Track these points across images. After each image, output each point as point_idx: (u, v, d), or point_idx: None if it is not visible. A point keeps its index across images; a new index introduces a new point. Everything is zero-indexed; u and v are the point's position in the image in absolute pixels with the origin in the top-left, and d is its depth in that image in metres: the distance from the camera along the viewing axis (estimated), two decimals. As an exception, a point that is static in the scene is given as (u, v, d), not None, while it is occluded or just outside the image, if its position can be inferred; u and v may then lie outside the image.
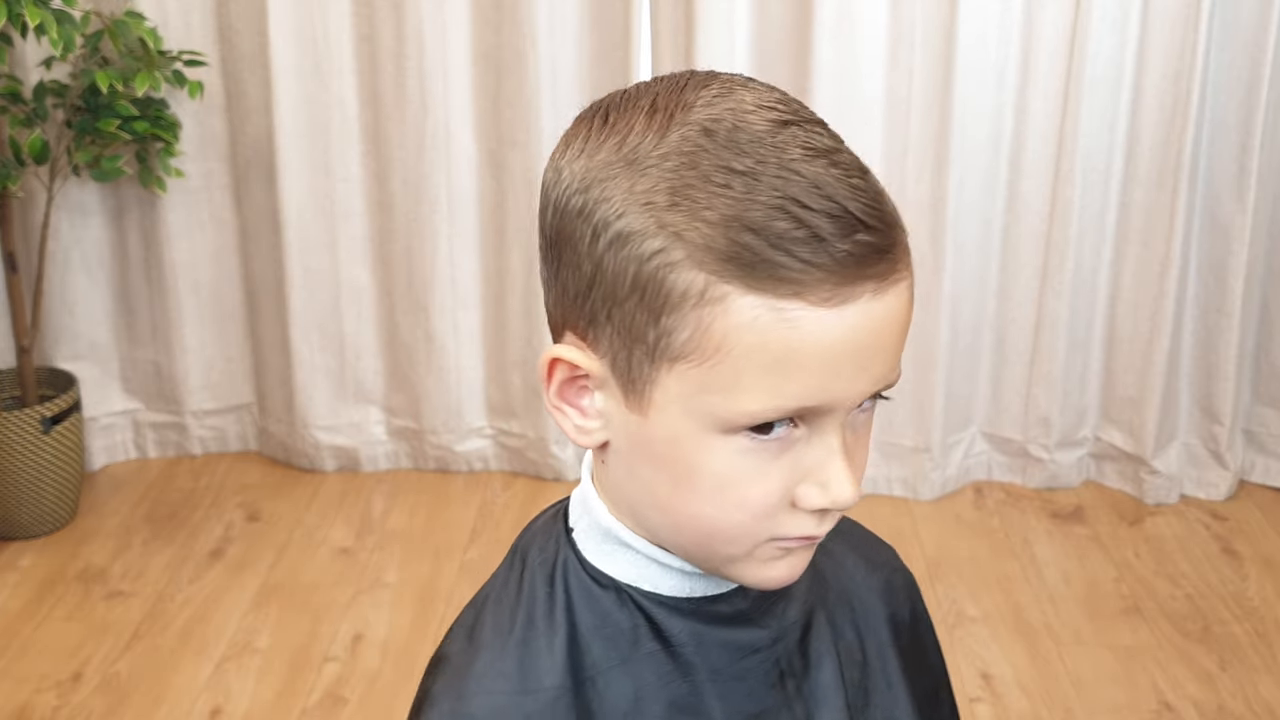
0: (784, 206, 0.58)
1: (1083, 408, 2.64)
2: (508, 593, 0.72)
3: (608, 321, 0.63)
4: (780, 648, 0.73)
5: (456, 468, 2.75)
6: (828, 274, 0.59)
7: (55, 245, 2.61)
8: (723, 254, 0.59)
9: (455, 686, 0.69)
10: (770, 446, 0.63)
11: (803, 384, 0.60)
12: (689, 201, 0.60)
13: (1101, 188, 2.49)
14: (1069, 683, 2.10)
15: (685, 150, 0.61)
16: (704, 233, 0.59)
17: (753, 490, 0.63)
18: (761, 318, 0.59)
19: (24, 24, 2.14)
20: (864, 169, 0.62)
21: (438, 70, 2.49)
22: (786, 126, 0.61)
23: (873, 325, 0.60)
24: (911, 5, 2.38)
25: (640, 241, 0.60)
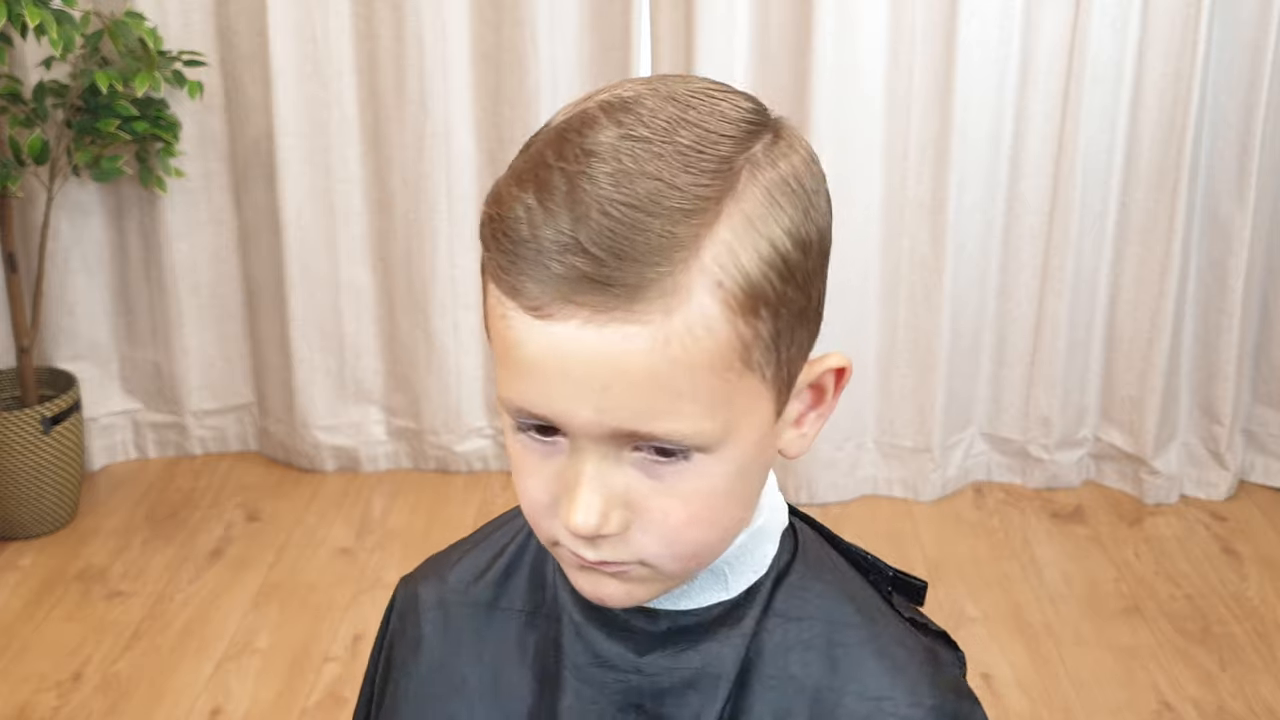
0: (530, 212, 0.58)
1: (1083, 408, 2.64)
2: (507, 513, 0.79)
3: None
4: (640, 681, 0.70)
5: (456, 468, 2.75)
6: (537, 285, 0.58)
7: (55, 245, 2.61)
8: (485, 242, 0.61)
9: (437, 553, 0.83)
10: (537, 447, 0.63)
11: (523, 387, 0.60)
12: (503, 190, 0.62)
13: (1101, 188, 2.49)
14: (1069, 683, 2.10)
15: (540, 137, 0.64)
16: (489, 215, 0.61)
17: (526, 483, 0.64)
18: (496, 308, 0.61)
19: (24, 24, 2.14)
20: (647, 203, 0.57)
21: (438, 70, 2.49)
22: (630, 144, 0.59)
23: (587, 355, 0.58)
24: (911, 5, 2.38)
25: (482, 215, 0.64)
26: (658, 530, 0.63)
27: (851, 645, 0.70)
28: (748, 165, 0.61)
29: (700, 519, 0.63)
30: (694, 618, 0.70)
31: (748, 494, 0.66)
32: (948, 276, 2.51)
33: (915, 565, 2.42)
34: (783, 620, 0.70)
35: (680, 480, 0.62)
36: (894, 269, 2.55)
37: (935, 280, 2.52)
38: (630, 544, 0.63)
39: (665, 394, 0.58)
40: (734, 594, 0.70)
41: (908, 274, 2.55)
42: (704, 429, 0.60)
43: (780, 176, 0.61)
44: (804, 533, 0.75)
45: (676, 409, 0.59)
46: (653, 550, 0.63)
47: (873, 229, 2.52)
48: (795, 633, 0.70)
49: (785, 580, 0.71)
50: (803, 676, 0.69)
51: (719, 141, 0.60)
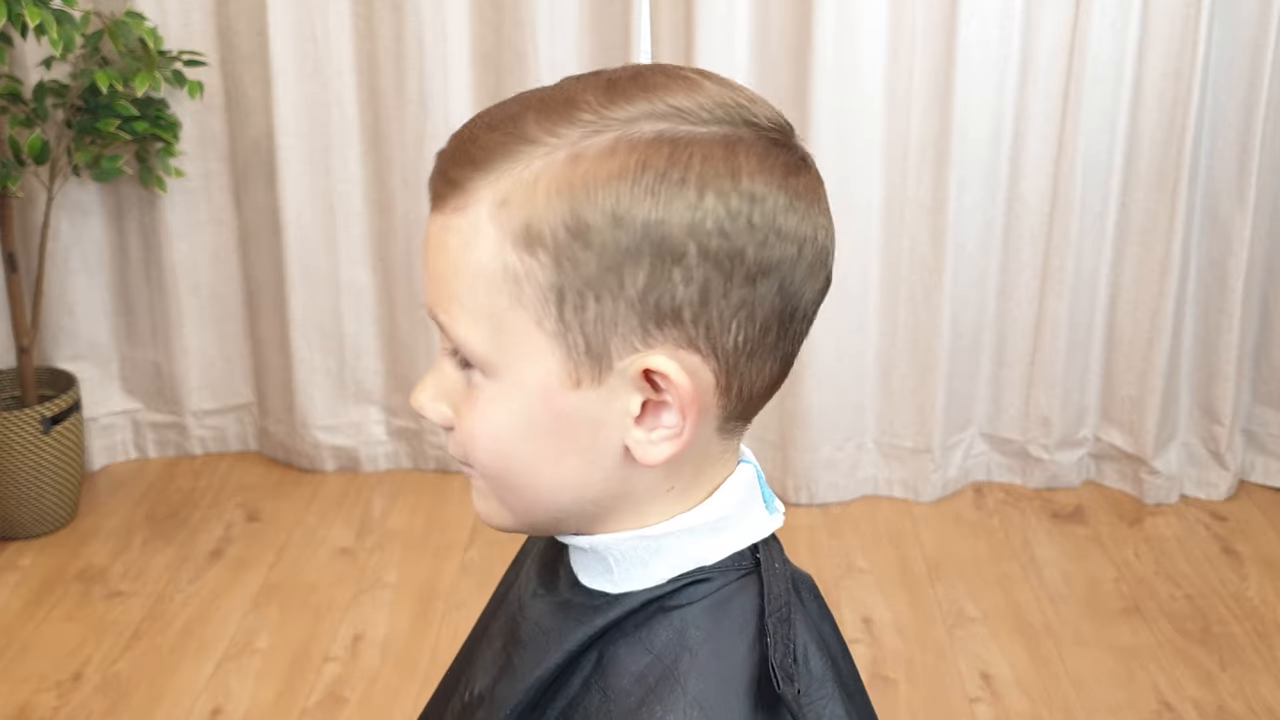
0: (457, 134, 0.67)
1: (1083, 408, 2.64)
2: None
3: None
4: (509, 609, 0.77)
5: (456, 468, 2.75)
6: (432, 184, 0.67)
7: (55, 245, 2.61)
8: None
9: None
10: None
11: (429, 283, 0.69)
12: None
13: (1101, 188, 2.49)
14: (1069, 683, 2.10)
15: None
16: None
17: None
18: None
19: (24, 24, 2.14)
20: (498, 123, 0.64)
21: (438, 70, 2.49)
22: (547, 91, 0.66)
23: (431, 239, 0.67)
24: (911, 5, 2.38)
25: None
26: (458, 435, 0.69)
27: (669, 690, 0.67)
28: (622, 133, 0.62)
29: (485, 442, 0.68)
30: (587, 596, 0.71)
31: (555, 454, 0.67)
32: (948, 276, 2.51)
33: (915, 565, 2.43)
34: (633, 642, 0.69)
35: (476, 393, 0.67)
36: (894, 269, 2.55)
37: (935, 280, 2.52)
38: (453, 442, 0.70)
39: (446, 287, 0.66)
40: (616, 590, 0.70)
41: (908, 274, 2.55)
42: (469, 337, 0.65)
43: (640, 150, 0.61)
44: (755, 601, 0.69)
45: (451, 307, 0.66)
46: (462, 456, 0.70)
47: (873, 229, 2.52)
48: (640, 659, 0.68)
49: (670, 615, 0.69)
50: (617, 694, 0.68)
51: (628, 112, 0.63)
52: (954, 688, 2.09)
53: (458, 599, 2.31)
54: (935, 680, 2.11)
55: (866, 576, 2.39)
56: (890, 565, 2.42)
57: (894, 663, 2.15)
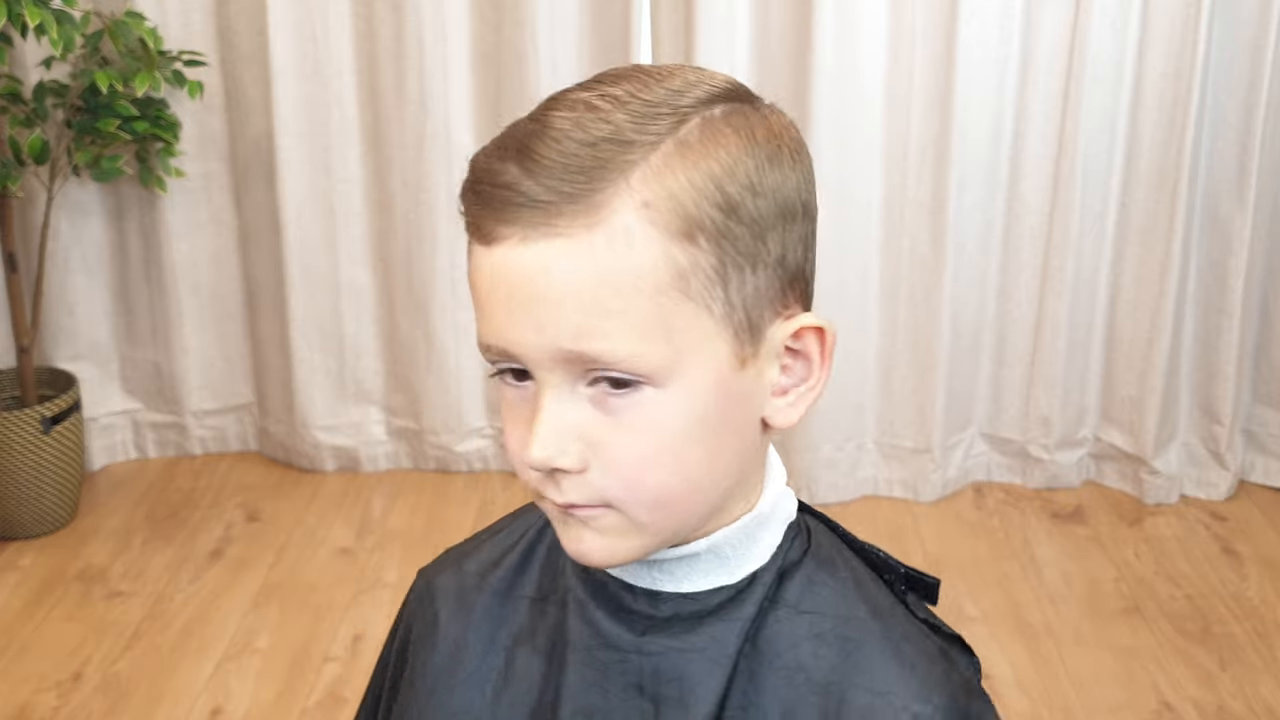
0: (486, 153, 0.64)
1: (1083, 408, 2.64)
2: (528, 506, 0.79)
3: None
4: (640, 661, 0.71)
5: (456, 468, 2.75)
6: (478, 214, 0.63)
7: (55, 245, 2.61)
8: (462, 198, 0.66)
9: (458, 545, 0.83)
10: (514, 393, 0.66)
11: (483, 320, 0.64)
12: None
13: (1101, 188, 2.49)
14: (1069, 683, 2.10)
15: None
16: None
17: (509, 433, 0.67)
18: (471, 254, 0.65)
19: (24, 24, 2.14)
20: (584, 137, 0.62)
21: (438, 70, 2.49)
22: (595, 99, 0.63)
23: (520, 273, 0.62)
24: (911, 5, 2.38)
25: None
26: (616, 468, 0.64)
27: (863, 640, 0.70)
28: (701, 116, 0.64)
29: (656, 460, 0.64)
30: (697, 602, 0.70)
31: (718, 447, 0.66)
32: (948, 276, 2.51)
33: (915, 565, 2.42)
34: (792, 611, 0.71)
35: (633, 414, 0.63)
36: (894, 269, 2.55)
37: (935, 280, 2.52)
38: (592, 483, 0.64)
39: (595, 311, 0.61)
40: (736, 579, 0.71)
41: (908, 274, 2.55)
42: (640, 353, 0.61)
43: (733, 126, 0.64)
44: (816, 529, 0.75)
45: (607, 328, 0.61)
46: (614, 491, 0.64)
47: (873, 229, 2.52)
48: (807, 625, 0.70)
49: (795, 572, 0.72)
50: (813, 668, 0.69)
51: (680, 100, 0.64)
52: (954, 688, 2.09)
53: (458, 599, 2.31)
54: (935, 680, 2.10)
55: None
56: (890, 565, 2.42)
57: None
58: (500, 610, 0.77)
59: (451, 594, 0.79)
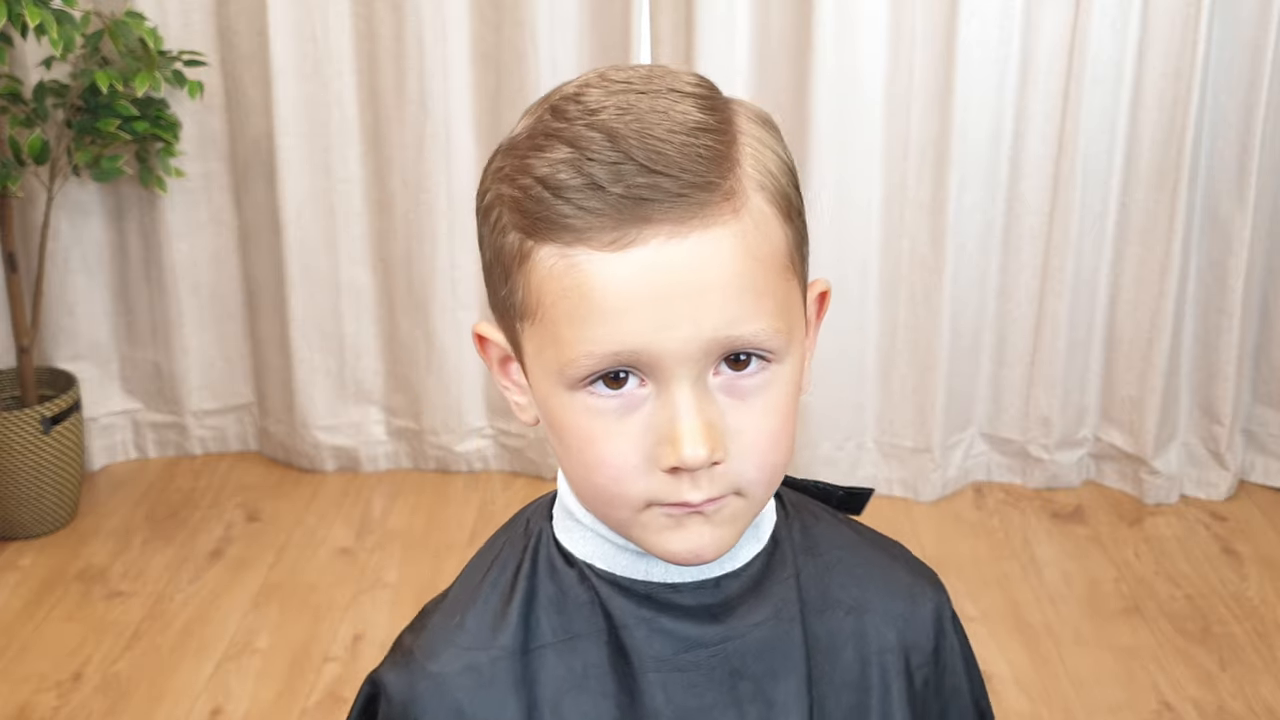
0: (572, 159, 0.61)
1: (1083, 408, 2.64)
2: (486, 555, 0.76)
3: (494, 293, 0.67)
4: (732, 647, 0.71)
5: (456, 468, 2.75)
6: (608, 219, 0.60)
7: (55, 245, 2.61)
8: (526, 212, 0.62)
9: (416, 630, 0.75)
10: (613, 405, 0.63)
11: (606, 331, 0.61)
12: (518, 170, 0.63)
13: (1101, 188, 2.49)
14: (1069, 683, 2.10)
15: (532, 126, 0.64)
16: (514, 196, 0.63)
17: (607, 450, 0.64)
18: (556, 267, 0.61)
19: (24, 24, 2.14)
20: (677, 126, 0.62)
21: (438, 70, 2.49)
22: (627, 89, 0.63)
23: (673, 270, 0.60)
24: (911, 5, 2.38)
25: (493, 213, 0.65)
26: (752, 451, 0.64)
27: (863, 560, 0.78)
28: (730, 103, 0.66)
29: (780, 435, 0.65)
30: (745, 574, 0.72)
31: (794, 416, 0.69)
32: (948, 276, 2.51)
33: (915, 565, 2.42)
34: (810, 556, 0.75)
35: (763, 394, 0.64)
36: (894, 269, 2.55)
37: (935, 280, 2.52)
38: (729, 472, 0.64)
39: (750, 294, 0.62)
40: (764, 542, 0.74)
41: (908, 274, 2.55)
42: (780, 330, 0.64)
43: (755, 112, 0.67)
44: None
45: (760, 308, 0.62)
46: (749, 475, 0.65)
47: (873, 229, 2.52)
48: (823, 564, 0.75)
49: (794, 520, 0.76)
50: (842, 598, 0.75)
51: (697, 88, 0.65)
52: (954, 688, 2.09)
53: (458, 599, 2.31)
54: (935, 680, 2.10)
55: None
56: (890, 565, 2.42)
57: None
58: (525, 670, 0.71)
59: (464, 677, 0.72)
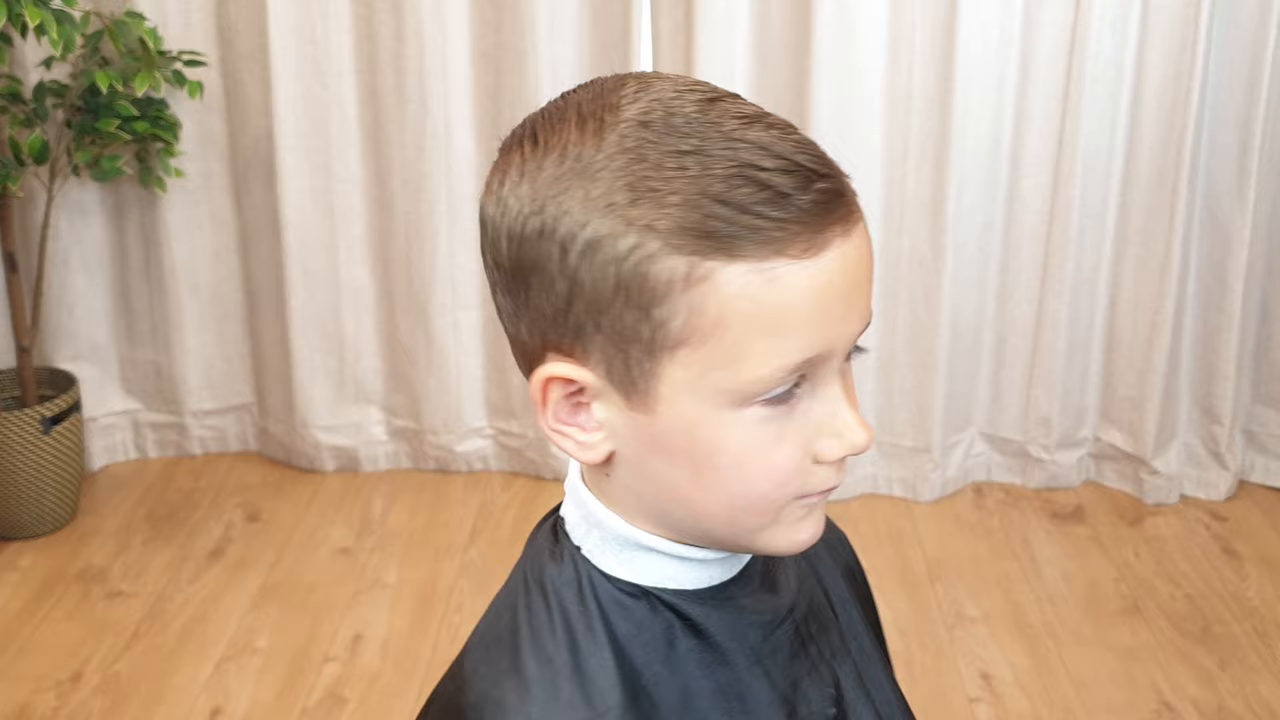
0: (741, 173, 0.60)
1: (1083, 408, 2.64)
2: (539, 621, 0.70)
3: (596, 330, 0.63)
4: (798, 613, 0.75)
5: (456, 468, 2.75)
6: (801, 226, 0.61)
7: (55, 245, 2.61)
8: (698, 232, 0.60)
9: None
10: (781, 409, 0.64)
11: (801, 338, 0.62)
12: (650, 193, 0.61)
13: (1101, 188, 2.49)
14: (1069, 683, 2.10)
15: (628, 147, 0.62)
16: (675, 217, 0.60)
17: (775, 456, 0.65)
18: (751, 283, 0.61)
19: (24, 24, 2.14)
20: (793, 126, 0.65)
21: (438, 70, 2.49)
22: (714, 104, 0.63)
23: (848, 266, 0.63)
24: (911, 5, 2.38)
25: (613, 244, 0.61)
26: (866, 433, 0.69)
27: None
28: None
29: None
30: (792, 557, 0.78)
31: None
32: (947, 276, 2.51)
33: (915, 565, 2.43)
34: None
35: (852, 378, 0.69)
36: (894, 269, 2.55)
37: (935, 280, 2.52)
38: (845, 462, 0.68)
39: (869, 290, 0.67)
40: None
41: (908, 273, 2.55)
42: None
43: None
44: None
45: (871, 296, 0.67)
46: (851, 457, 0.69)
47: (873, 229, 2.52)
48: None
49: None
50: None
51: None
52: (954, 688, 2.09)
53: (457, 599, 2.32)
54: (935, 680, 2.11)
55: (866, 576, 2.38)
56: (890, 565, 2.42)
57: (894, 662, 2.14)
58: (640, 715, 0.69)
59: None
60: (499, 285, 0.67)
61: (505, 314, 0.68)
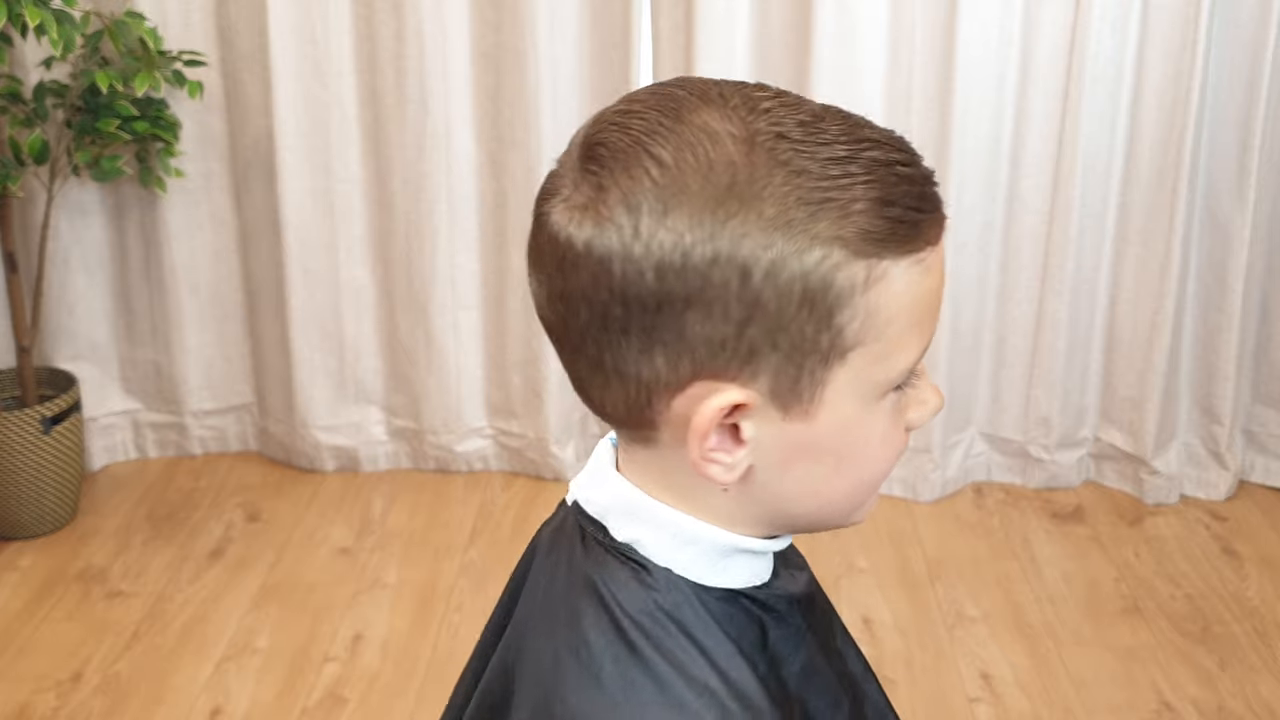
0: (894, 173, 0.63)
1: (1083, 408, 2.64)
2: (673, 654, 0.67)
3: (773, 350, 0.62)
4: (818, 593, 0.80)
5: (456, 468, 2.75)
6: (936, 215, 0.65)
7: (55, 245, 2.61)
8: (880, 236, 0.62)
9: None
10: (899, 391, 0.68)
11: (935, 319, 0.67)
12: (825, 204, 0.61)
13: (1101, 188, 2.49)
14: (1069, 683, 2.10)
15: (781, 160, 0.61)
16: (857, 224, 0.62)
17: (899, 436, 0.69)
18: (913, 275, 0.64)
19: (24, 24, 2.14)
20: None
21: (438, 70, 2.49)
22: (819, 108, 0.65)
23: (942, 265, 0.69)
24: (911, 5, 2.38)
25: (799, 260, 0.61)
26: None
27: None
28: None
29: None
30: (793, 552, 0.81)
31: None
32: (947, 276, 2.51)
33: (915, 565, 2.43)
34: None
35: None
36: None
37: (935, 280, 2.52)
38: None
39: None
40: None
41: (908, 274, 2.54)
42: None
43: None
44: None
45: None
46: None
47: (873, 229, 2.52)
48: None
49: None
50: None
51: None
52: (954, 688, 2.09)
53: (457, 599, 2.32)
54: (935, 680, 2.11)
55: (866, 576, 2.39)
56: (890, 565, 2.42)
57: (894, 663, 2.15)
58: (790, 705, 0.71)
59: None
60: (618, 323, 0.63)
61: (617, 350, 0.64)
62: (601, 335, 0.64)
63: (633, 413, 0.66)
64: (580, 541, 0.72)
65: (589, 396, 0.68)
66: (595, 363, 0.65)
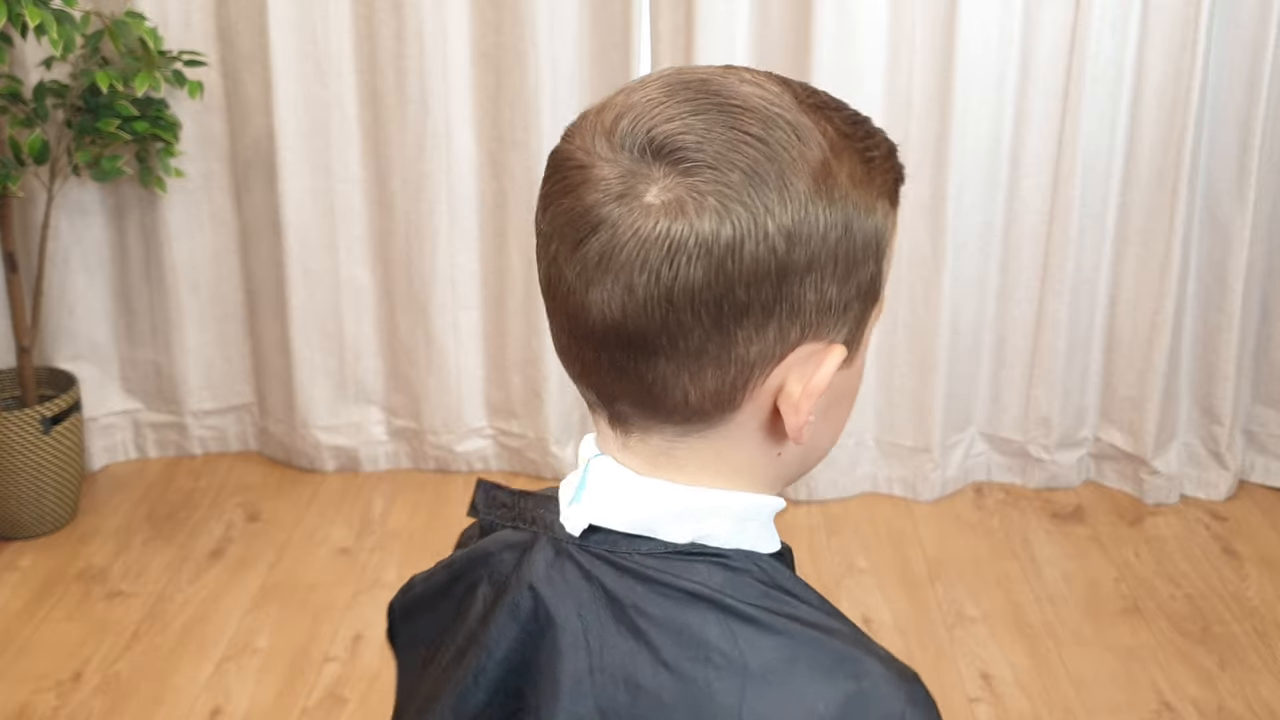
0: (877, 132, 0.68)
1: (1083, 408, 2.64)
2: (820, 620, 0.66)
3: (857, 299, 0.66)
4: None
5: (456, 468, 2.75)
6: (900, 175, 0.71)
7: (55, 245, 2.61)
8: (892, 188, 0.68)
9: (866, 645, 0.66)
10: None
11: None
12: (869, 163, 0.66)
13: (1101, 188, 2.49)
14: (1069, 683, 2.10)
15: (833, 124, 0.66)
16: (888, 178, 0.67)
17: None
18: (895, 223, 0.69)
19: (24, 24, 2.14)
20: None
21: (438, 70, 2.49)
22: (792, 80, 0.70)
23: None
24: (911, 5, 2.38)
25: (871, 213, 0.65)
26: None
27: None
28: None
29: None
30: None
31: None
32: (947, 276, 2.51)
33: (915, 565, 2.43)
34: None
35: None
36: (894, 268, 2.55)
37: (935, 280, 2.52)
38: None
39: None
40: None
41: (907, 273, 2.55)
42: None
43: None
44: None
45: None
46: None
47: (873, 229, 2.52)
48: None
49: None
50: None
51: None
52: (954, 688, 2.09)
53: (458, 599, 2.31)
54: (935, 680, 2.11)
55: (866, 576, 2.39)
56: (890, 565, 2.42)
57: (894, 663, 2.14)
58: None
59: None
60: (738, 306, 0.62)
61: (726, 335, 0.63)
62: (714, 324, 0.62)
63: (721, 397, 0.65)
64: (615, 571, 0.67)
65: (664, 394, 0.64)
66: (694, 354, 0.63)
